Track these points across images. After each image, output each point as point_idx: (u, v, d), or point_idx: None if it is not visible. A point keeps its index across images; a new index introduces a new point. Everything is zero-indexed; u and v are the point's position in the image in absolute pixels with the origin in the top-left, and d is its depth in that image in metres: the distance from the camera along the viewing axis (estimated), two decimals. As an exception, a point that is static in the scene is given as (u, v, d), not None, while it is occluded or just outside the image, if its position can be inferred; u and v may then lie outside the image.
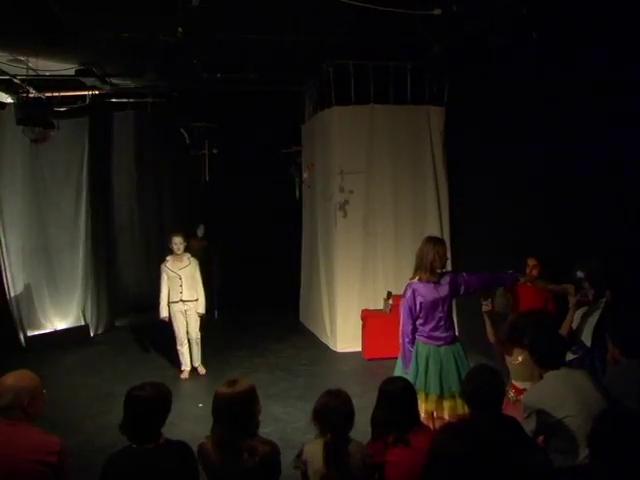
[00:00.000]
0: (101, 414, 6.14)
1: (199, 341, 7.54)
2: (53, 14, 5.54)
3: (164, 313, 7.37)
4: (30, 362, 6.83)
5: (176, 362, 7.57)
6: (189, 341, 7.49)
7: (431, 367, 4.80)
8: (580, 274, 5.09)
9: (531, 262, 5.89)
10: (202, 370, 7.63)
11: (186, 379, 7.42)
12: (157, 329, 7.94)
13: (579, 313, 5.07)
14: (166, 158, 11.25)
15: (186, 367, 7.52)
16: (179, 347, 7.48)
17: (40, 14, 5.54)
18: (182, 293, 7.32)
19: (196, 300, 7.43)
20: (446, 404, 4.74)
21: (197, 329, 7.49)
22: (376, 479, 3.19)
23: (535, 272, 5.90)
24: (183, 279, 7.31)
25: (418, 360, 4.84)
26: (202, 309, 7.49)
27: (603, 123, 5.69)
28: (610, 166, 5.62)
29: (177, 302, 7.35)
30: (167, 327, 7.43)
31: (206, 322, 7.76)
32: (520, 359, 4.38)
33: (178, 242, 7.32)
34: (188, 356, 7.52)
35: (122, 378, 7.17)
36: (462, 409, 4.51)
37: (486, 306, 4.86)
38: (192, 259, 7.46)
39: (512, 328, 4.54)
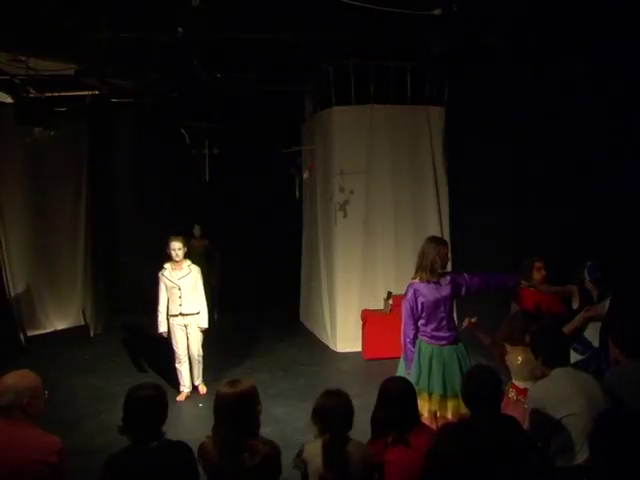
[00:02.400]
0: (101, 414, 6.15)
1: (201, 359, 6.85)
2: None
3: (162, 328, 6.69)
4: (30, 362, 6.82)
5: (173, 366, 6.86)
6: (190, 359, 6.78)
7: (434, 367, 4.81)
8: (587, 275, 5.09)
9: (538, 264, 5.87)
10: (203, 389, 6.87)
11: (182, 401, 6.65)
12: (156, 328, 7.92)
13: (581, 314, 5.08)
14: (166, 158, 11.24)
15: (184, 388, 6.77)
16: (177, 365, 6.74)
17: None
18: (182, 306, 6.60)
19: (197, 313, 6.70)
20: (450, 404, 4.75)
21: (199, 345, 6.79)
22: (376, 479, 3.19)
23: (540, 275, 5.88)
24: (182, 290, 6.58)
25: (421, 360, 4.85)
26: (204, 323, 6.75)
27: (604, 122, 5.69)
28: (610, 166, 5.62)
29: (176, 316, 6.63)
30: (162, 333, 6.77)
31: (208, 336, 7.02)
32: (520, 359, 4.37)
33: (177, 247, 6.53)
34: (188, 376, 6.78)
35: (122, 378, 7.18)
36: (465, 409, 4.51)
37: (468, 325, 4.80)
38: (193, 267, 6.70)
39: (510, 328, 4.53)
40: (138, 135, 10.97)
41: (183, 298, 6.60)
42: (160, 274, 6.69)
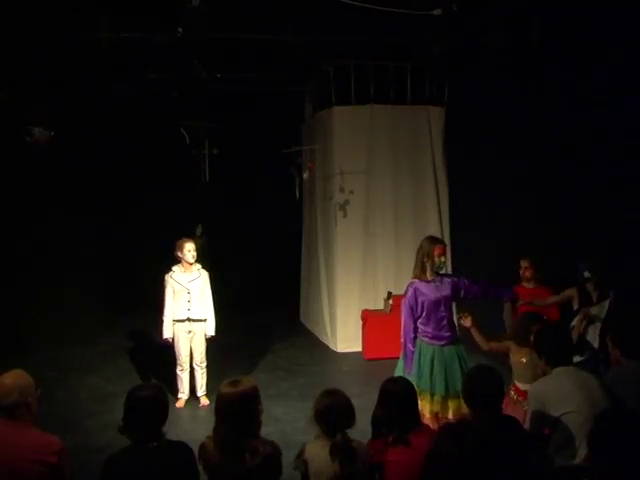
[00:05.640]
0: (101, 414, 6.14)
1: (205, 368, 6.54)
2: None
3: (167, 333, 6.36)
4: (30, 362, 6.82)
5: (174, 371, 6.57)
6: (192, 367, 6.51)
7: (436, 368, 4.81)
8: (587, 274, 5.09)
9: (523, 264, 5.88)
10: (205, 401, 6.50)
11: (180, 408, 6.43)
12: (157, 329, 7.91)
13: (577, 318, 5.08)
14: (166, 158, 11.24)
15: (183, 395, 6.52)
16: (179, 372, 6.47)
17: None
18: (190, 310, 6.31)
19: (204, 320, 6.40)
20: (451, 404, 4.75)
21: (203, 354, 6.48)
22: (376, 479, 3.19)
23: (528, 273, 5.89)
24: (192, 294, 6.30)
25: (422, 361, 4.85)
26: (212, 331, 6.45)
27: (603, 122, 5.69)
28: (610, 165, 5.62)
29: (183, 321, 6.32)
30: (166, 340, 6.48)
31: (212, 345, 6.71)
32: (524, 360, 4.38)
33: (192, 249, 6.30)
34: (187, 383, 6.53)
35: (122, 378, 7.18)
36: (467, 409, 4.53)
37: (465, 321, 4.85)
38: (202, 271, 6.42)
39: (517, 328, 4.54)
40: (138, 135, 10.95)
41: (192, 302, 6.32)
42: (167, 277, 6.38)
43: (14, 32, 6.40)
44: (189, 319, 6.35)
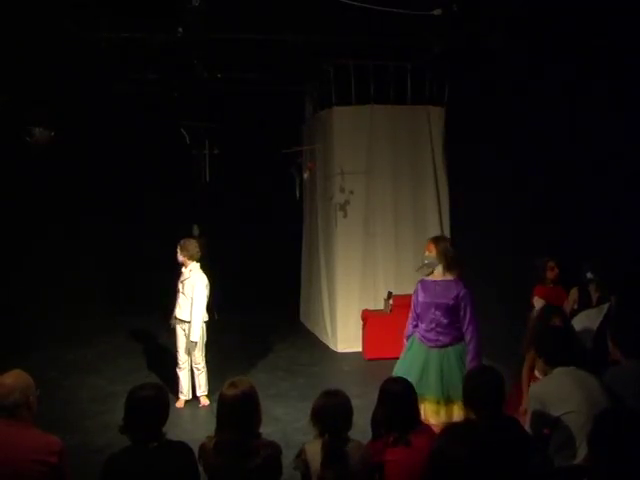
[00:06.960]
0: (101, 414, 6.14)
1: (201, 369, 6.54)
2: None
3: (172, 322, 6.59)
4: (30, 362, 6.82)
5: (174, 371, 6.67)
6: (191, 368, 6.57)
7: (415, 365, 4.83)
8: (590, 275, 5.10)
9: (550, 264, 5.94)
10: (205, 401, 6.53)
11: (180, 407, 6.47)
12: (158, 329, 7.93)
13: (582, 315, 5.07)
14: (166, 158, 11.25)
15: (182, 395, 6.55)
16: (177, 370, 6.56)
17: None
18: (178, 310, 6.45)
19: (188, 322, 6.35)
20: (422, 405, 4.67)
21: (197, 355, 6.46)
22: (376, 479, 3.19)
23: (554, 274, 5.94)
24: (180, 294, 6.42)
25: (406, 352, 4.96)
26: (193, 336, 6.29)
27: (603, 122, 5.69)
28: (610, 166, 5.62)
29: (175, 319, 6.54)
30: (168, 327, 6.78)
31: (208, 337, 6.69)
32: (536, 373, 4.39)
33: (179, 252, 6.41)
34: (187, 383, 6.58)
35: (122, 378, 7.18)
36: (437, 415, 4.58)
37: None
38: (195, 273, 6.37)
39: (532, 336, 4.53)
40: (138, 135, 10.96)
41: (180, 302, 6.44)
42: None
43: (14, 32, 6.39)
44: (176, 317, 6.51)
